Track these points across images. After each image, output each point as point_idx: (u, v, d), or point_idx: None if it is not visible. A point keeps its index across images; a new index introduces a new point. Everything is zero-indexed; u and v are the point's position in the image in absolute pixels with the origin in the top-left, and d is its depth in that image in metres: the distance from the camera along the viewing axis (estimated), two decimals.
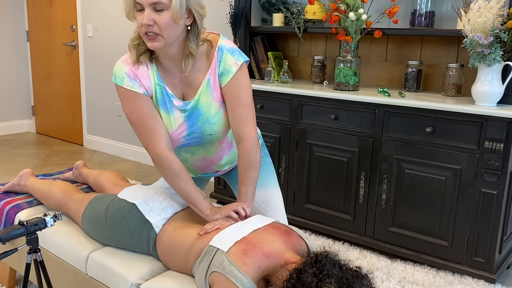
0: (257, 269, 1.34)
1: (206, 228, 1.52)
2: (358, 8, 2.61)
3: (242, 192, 1.65)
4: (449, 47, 2.75)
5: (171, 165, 1.60)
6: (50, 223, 1.53)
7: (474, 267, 2.37)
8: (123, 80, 1.58)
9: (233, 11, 3.16)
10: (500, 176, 2.24)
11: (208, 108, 1.64)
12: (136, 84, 1.58)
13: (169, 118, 1.63)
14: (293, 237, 1.48)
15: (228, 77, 1.60)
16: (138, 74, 1.58)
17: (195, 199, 1.62)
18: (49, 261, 1.87)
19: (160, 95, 1.62)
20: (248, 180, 1.64)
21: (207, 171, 1.90)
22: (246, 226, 1.48)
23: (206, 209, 1.61)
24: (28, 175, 2.21)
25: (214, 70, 1.61)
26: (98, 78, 4.83)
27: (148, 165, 4.42)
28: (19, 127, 5.70)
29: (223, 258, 1.34)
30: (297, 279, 1.24)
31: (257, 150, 1.65)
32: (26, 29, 5.54)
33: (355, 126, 2.64)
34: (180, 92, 1.65)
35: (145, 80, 1.59)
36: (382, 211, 2.61)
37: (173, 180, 1.62)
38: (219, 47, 1.61)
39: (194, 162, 1.82)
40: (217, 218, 1.58)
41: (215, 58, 1.61)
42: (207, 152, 1.78)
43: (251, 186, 1.65)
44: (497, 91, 2.27)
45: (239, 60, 1.61)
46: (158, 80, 1.61)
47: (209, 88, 1.62)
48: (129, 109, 1.61)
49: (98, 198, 1.84)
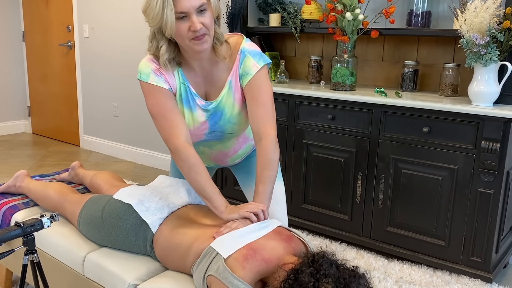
0: (255, 273, 1.34)
1: (223, 232, 1.48)
2: (354, 8, 2.62)
3: (259, 191, 1.63)
4: (446, 47, 2.76)
5: (189, 157, 1.59)
6: (46, 224, 1.52)
7: (471, 267, 2.38)
8: (148, 76, 1.61)
9: (229, 11, 3.16)
10: (496, 175, 2.24)
11: (230, 109, 1.68)
12: (161, 80, 1.61)
13: (192, 116, 1.68)
14: (293, 242, 1.49)
15: (247, 79, 1.64)
16: (163, 72, 1.62)
17: (210, 194, 1.59)
18: (46, 262, 1.86)
19: (184, 94, 1.66)
20: (266, 179, 1.63)
21: (220, 164, 1.95)
22: (251, 233, 1.46)
23: (221, 206, 1.58)
24: (23, 176, 2.20)
25: (235, 72, 1.66)
26: (95, 78, 4.81)
27: (144, 166, 4.42)
28: (15, 128, 5.68)
29: (219, 264, 1.35)
30: (294, 279, 1.24)
31: (276, 149, 1.67)
32: (22, 30, 5.52)
33: (352, 126, 2.64)
34: (203, 91, 1.69)
35: (170, 78, 1.63)
36: (379, 211, 2.61)
37: (189, 172, 1.60)
38: (242, 50, 1.65)
39: (210, 155, 1.87)
40: (234, 217, 1.53)
41: (237, 61, 1.65)
42: (224, 147, 1.82)
43: (269, 185, 1.64)
44: (494, 91, 2.28)
45: (259, 63, 1.65)
46: (182, 79, 1.65)
47: (231, 90, 1.66)
48: (152, 103, 1.63)
49: (94, 199, 1.83)
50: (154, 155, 4.37)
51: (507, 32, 2.19)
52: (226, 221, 1.54)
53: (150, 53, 1.62)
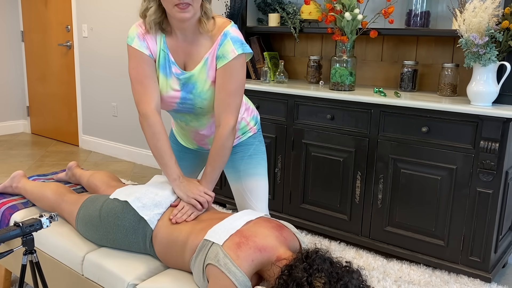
0: (250, 262, 1.36)
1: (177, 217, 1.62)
2: (353, 8, 2.62)
3: (207, 172, 1.76)
4: (445, 47, 2.76)
5: (154, 124, 1.70)
6: (46, 224, 1.52)
7: (470, 266, 2.38)
8: (133, 40, 1.71)
9: (228, 11, 3.16)
10: (495, 175, 2.25)
11: (202, 84, 1.73)
12: (143, 45, 1.70)
13: (166, 82, 1.74)
14: (285, 232, 1.51)
15: (223, 62, 1.69)
16: (147, 37, 1.71)
17: (166, 162, 1.72)
18: (45, 262, 1.86)
19: (163, 60, 1.73)
20: (216, 163, 1.76)
21: (201, 145, 1.99)
22: (239, 219, 1.52)
23: (174, 174, 1.72)
24: (20, 177, 2.19)
25: (213, 51, 1.70)
26: (94, 79, 4.81)
27: (143, 166, 4.41)
28: (14, 128, 5.68)
29: (218, 251, 1.37)
30: (288, 275, 1.26)
31: (230, 137, 1.74)
32: (21, 29, 5.51)
33: (351, 126, 2.64)
34: (182, 61, 1.75)
35: (152, 44, 1.71)
36: (378, 210, 2.61)
37: (152, 138, 1.72)
38: (225, 32, 1.69)
39: (188, 132, 1.94)
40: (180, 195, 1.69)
41: (217, 41, 1.70)
42: (199, 124, 1.86)
43: (218, 169, 1.77)
44: (492, 91, 2.28)
45: (238, 50, 1.68)
46: (163, 46, 1.72)
47: (206, 66, 1.71)
48: (133, 66, 1.72)
49: (91, 199, 1.83)
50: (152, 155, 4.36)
51: (506, 32, 2.20)
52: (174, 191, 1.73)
53: (140, 12, 1.69)
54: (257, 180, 1.95)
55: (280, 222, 1.57)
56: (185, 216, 1.63)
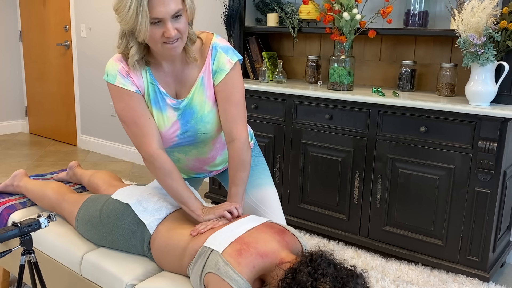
0: (252, 269, 1.34)
1: (199, 228, 1.51)
2: (352, 8, 2.62)
3: (232, 192, 1.65)
4: (443, 47, 2.76)
5: (163, 164, 1.58)
6: (44, 224, 1.52)
7: (468, 266, 2.38)
8: (115, 78, 1.57)
9: (227, 11, 3.16)
10: (493, 175, 2.25)
11: (201, 107, 1.63)
12: (128, 82, 1.56)
13: (162, 117, 1.62)
14: (287, 236, 1.49)
15: (222, 76, 1.61)
16: (130, 73, 1.57)
17: (186, 199, 1.60)
18: (43, 262, 1.86)
19: (153, 94, 1.60)
20: (239, 180, 1.64)
21: (200, 171, 1.90)
22: (240, 226, 1.48)
23: (198, 209, 1.60)
24: (21, 176, 2.19)
25: (208, 68, 1.61)
26: (92, 78, 4.81)
27: (142, 166, 4.41)
28: (12, 128, 5.67)
29: (217, 259, 1.34)
30: (292, 279, 1.24)
31: (248, 150, 1.65)
32: (19, 29, 5.51)
33: (349, 126, 2.64)
34: (173, 90, 1.64)
35: (137, 79, 1.58)
36: (377, 210, 2.62)
37: (165, 179, 1.60)
38: (213, 45, 1.61)
39: (187, 163, 1.82)
40: (209, 218, 1.57)
41: (209, 56, 1.61)
42: (200, 152, 1.77)
43: (241, 186, 1.65)
44: (491, 91, 2.28)
45: (233, 59, 1.62)
46: (150, 79, 1.60)
47: (202, 87, 1.62)
48: (121, 107, 1.59)
49: (92, 198, 1.83)
50: None
51: (504, 32, 2.20)
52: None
53: (119, 51, 1.57)
54: (265, 189, 1.87)
55: (283, 227, 1.54)
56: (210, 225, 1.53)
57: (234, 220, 1.56)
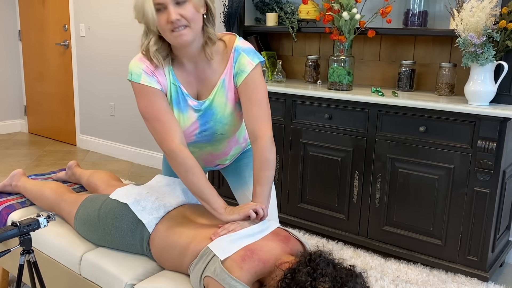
0: (253, 274, 1.34)
1: (220, 233, 1.47)
2: (351, 7, 2.62)
3: (257, 192, 1.61)
4: (442, 46, 2.76)
5: (185, 160, 1.57)
6: (43, 223, 1.52)
7: (467, 266, 2.38)
8: (140, 77, 1.59)
9: (226, 10, 3.16)
10: (493, 175, 2.25)
11: (222, 109, 1.65)
12: (153, 80, 1.59)
13: (182, 117, 1.65)
14: (291, 243, 1.49)
15: (243, 77, 1.62)
16: (155, 72, 1.60)
17: (208, 196, 1.57)
18: (42, 262, 1.86)
19: (175, 94, 1.63)
20: (264, 179, 1.61)
21: (209, 165, 1.92)
22: (249, 237, 1.45)
23: (220, 208, 1.56)
24: (19, 175, 2.19)
25: (229, 71, 1.63)
26: (91, 78, 4.80)
27: (141, 165, 4.41)
28: (11, 127, 5.67)
29: (216, 266, 1.34)
30: (291, 279, 1.24)
31: (272, 148, 1.64)
32: (18, 29, 5.50)
33: (349, 126, 2.64)
34: (195, 91, 1.66)
35: (162, 78, 1.61)
36: (376, 210, 2.62)
37: (187, 175, 1.58)
38: (235, 48, 1.63)
39: (199, 156, 1.83)
40: (234, 218, 1.52)
41: (231, 59, 1.63)
42: (214, 149, 1.80)
43: (266, 186, 1.61)
44: (490, 91, 2.29)
45: (254, 61, 1.63)
46: (173, 80, 1.62)
47: (224, 89, 1.64)
48: (145, 104, 1.60)
49: (90, 198, 1.83)
50: (151, 155, 4.36)
51: (503, 31, 2.20)
52: (226, 222, 1.53)
53: (142, 49, 1.60)
54: None
55: (289, 233, 1.53)
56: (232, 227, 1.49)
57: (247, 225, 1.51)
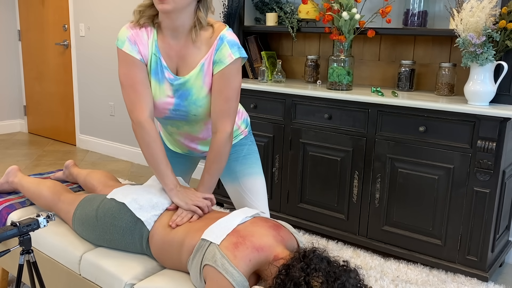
0: (248, 262, 1.36)
1: (176, 220, 1.59)
2: (351, 7, 2.62)
3: (205, 180, 1.74)
4: (442, 46, 2.76)
5: (149, 132, 1.66)
6: (43, 223, 1.52)
7: (467, 266, 2.38)
8: (123, 43, 1.65)
9: (226, 10, 3.16)
10: (492, 175, 2.25)
11: (197, 90, 1.69)
12: (134, 49, 1.64)
13: (158, 88, 1.69)
14: (282, 231, 1.51)
15: (220, 67, 1.65)
16: (137, 41, 1.65)
17: (163, 171, 1.68)
18: (42, 262, 1.86)
19: (154, 65, 1.67)
20: (214, 170, 1.73)
21: (193, 150, 1.95)
22: (236, 218, 1.52)
23: (171, 184, 1.68)
24: (15, 171, 2.19)
25: (210, 57, 1.66)
26: (91, 78, 4.80)
27: (141, 165, 4.41)
28: (11, 127, 5.67)
29: (215, 251, 1.37)
30: (285, 275, 1.26)
31: (228, 144, 1.72)
32: (18, 29, 5.50)
33: (348, 126, 2.64)
34: (174, 65, 1.70)
35: (143, 47, 1.65)
36: (376, 210, 2.62)
37: (148, 147, 1.68)
38: (221, 36, 1.65)
39: (179, 137, 1.89)
40: (179, 204, 1.64)
41: (214, 45, 1.65)
42: (191, 130, 1.83)
43: (215, 176, 1.74)
44: (490, 91, 2.29)
45: (235, 55, 1.65)
46: (155, 50, 1.66)
47: (202, 72, 1.67)
48: (124, 72, 1.67)
49: (88, 198, 1.83)
50: None
51: (503, 31, 2.20)
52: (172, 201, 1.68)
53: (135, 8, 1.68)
54: (255, 179, 1.95)
55: (278, 222, 1.57)
56: (186, 219, 1.60)
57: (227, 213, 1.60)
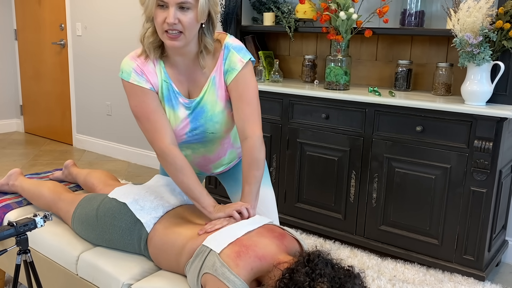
0: (249, 271, 1.34)
1: (206, 228, 1.50)
2: (348, 7, 2.62)
3: (245, 191, 1.63)
4: (439, 46, 2.77)
5: (175, 159, 1.59)
6: (40, 223, 1.51)
7: (464, 265, 2.39)
8: (130, 75, 1.59)
9: (223, 10, 3.15)
10: (489, 174, 2.26)
11: (212, 106, 1.65)
12: (142, 79, 1.59)
13: (174, 114, 1.64)
14: (286, 240, 1.48)
15: (233, 75, 1.61)
16: (145, 70, 1.60)
17: (198, 195, 1.59)
18: (39, 262, 1.85)
19: (166, 92, 1.63)
20: (252, 179, 1.62)
21: (203, 170, 1.90)
22: (241, 228, 1.47)
23: (209, 206, 1.59)
24: (17, 175, 2.18)
25: (219, 68, 1.63)
26: (88, 77, 4.79)
27: (138, 165, 4.40)
28: (7, 127, 5.65)
29: (215, 260, 1.34)
30: (289, 279, 1.24)
31: (261, 148, 1.64)
32: (14, 28, 5.48)
33: (346, 125, 2.65)
34: (186, 89, 1.66)
35: (152, 76, 1.61)
36: (373, 209, 2.62)
37: (177, 174, 1.60)
38: (225, 45, 1.62)
39: (193, 159, 1.82)
40: (219, 216, 1.55)
41: (221, 56, 1.62)
42: (207, 151, 1.78)
43: (255, 185, 1.63)
44: (486, 90, 2.29)
45: (245, 58, 1.63)
46: (165, 77, 1.62)
47: (214, 86, 1.63)
48: (135, 104, 1.62)
49: (88, 198, 1.83)
50: (147, 154, 4.35)
51: (500, 31, 2.21)
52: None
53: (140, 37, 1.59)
54: (264, 190, 1.84)
55: (284, 230, 1.53)
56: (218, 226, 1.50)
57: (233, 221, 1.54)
